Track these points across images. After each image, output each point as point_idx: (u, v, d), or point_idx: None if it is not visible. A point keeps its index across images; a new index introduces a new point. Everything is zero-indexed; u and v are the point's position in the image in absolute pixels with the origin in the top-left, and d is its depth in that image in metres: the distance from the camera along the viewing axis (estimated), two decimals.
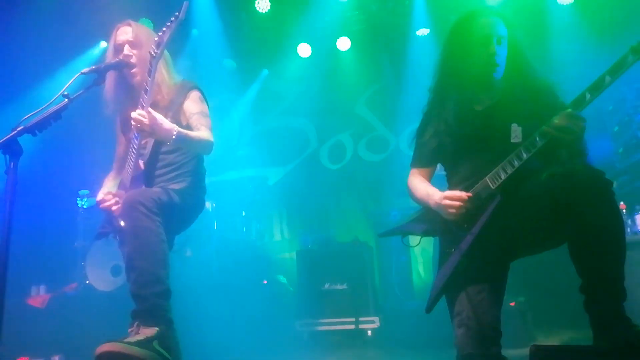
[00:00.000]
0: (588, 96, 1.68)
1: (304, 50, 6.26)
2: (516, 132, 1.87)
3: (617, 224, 1.65)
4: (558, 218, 1.71)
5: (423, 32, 5.96)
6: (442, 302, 1.99)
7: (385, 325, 4.51)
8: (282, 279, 5.48)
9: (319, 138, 6.76)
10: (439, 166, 2.24)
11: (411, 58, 6.01)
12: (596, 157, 1.88)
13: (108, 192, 2.56)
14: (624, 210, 3.68)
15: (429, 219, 2.08)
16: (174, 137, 2.26)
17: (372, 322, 4.49)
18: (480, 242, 1.84)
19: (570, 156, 1.79)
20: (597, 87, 1.67)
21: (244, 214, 5.59)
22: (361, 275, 4.67)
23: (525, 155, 1.78)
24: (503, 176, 1.83)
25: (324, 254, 4.85)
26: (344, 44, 6.22)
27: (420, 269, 5.67)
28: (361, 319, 4.50)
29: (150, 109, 2.22)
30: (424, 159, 2.19)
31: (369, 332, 4.49)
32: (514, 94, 1.94)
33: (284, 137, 6.75)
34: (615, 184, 1.70)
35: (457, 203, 1.88)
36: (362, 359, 3.96)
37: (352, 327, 4.49)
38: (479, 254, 1.85)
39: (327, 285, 4.67)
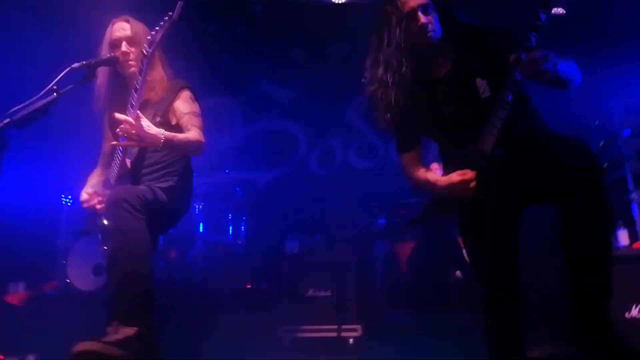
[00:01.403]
0: (542, 17, 1.69)
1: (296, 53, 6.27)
2: (483, 87, 1.87)
3: (604, 214, 1.65)
4: (549, 195, 1.73)
5: None
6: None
7: (368, 334, 4.50)
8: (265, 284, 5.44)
9: (308, 143, 6.77)
10: None
11: None
12: None
13: (93, 191, 2.52)
14: None
15: (442, 201, 2.06)
16: (161, 143, 2.22)
17: (354, 330, 4.48)
18: (496, 198, 1.84)
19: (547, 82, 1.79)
20: (537, 27, 1.68)
21: (230, 216, 5.56)
22: (345, 282, 4.66)
23: (510, 99, 1.77)
24: (495, 132, 1.82)
25: (309, 259, 4.84)
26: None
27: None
28: (343, 327, 4.48)
29: (139, 113, 2.18)
30: (407, 142, 2.18)
31: (351, 341, 4.48)
32: (466, 51, 1.95)
33: (273, 141, 6.74)
34: None
35: (467, 185, 1.87)
36: None
37: (334, 334, 4.48)
38: (492, 202, 1.85)
39: (311, 292, 4.65)
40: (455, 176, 1.91)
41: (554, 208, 1.76)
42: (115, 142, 2.27)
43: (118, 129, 2.16)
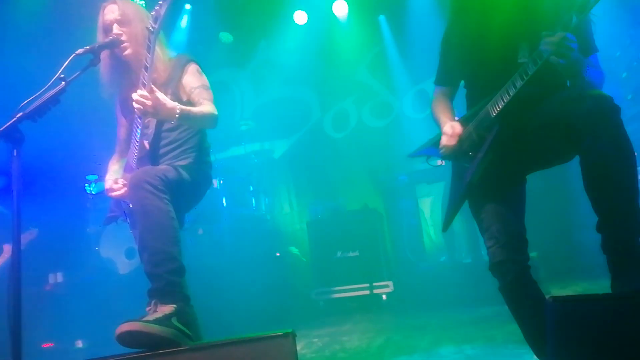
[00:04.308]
0: (574, 18, 1.63)
1: (300, 17, 6.13)
2: (523, 52, 1.84)
3: (625, 149, 1.61)
4: (568, 142, 1.70)
5: None
6: (454, 262, 2.03)
7: (399, 288, 4.56)
8: (295, 250, 5.52)
9: (321, 107, 6.70)
10: None
11: (411, 17, 5.87)
12: None
13: (115, 179, 2.54)
14: None
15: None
16: (177, 115, 2.23)
17: (386, 286, 4.53)
18: (488, 164, 1.88)
19: (573, 83, 1.78)
20: (582, 9, 1.60)
21: (251, 188, 5.59)
22: (372, 241, 4.69)
23: (519, 83, 1.75)
24: (501, 105, 1.83)
25: (334, 222, 4.87)
26: (340, 8, 6.08)
27: (431, 231, 5.68)
28: (375, 284, 4.54)
29: (153, 87, 2.17)
30: (444, 77, 2.19)
31: (384, 297, 4.54)
32: (526, 9, 1.89)
33: (286, 109, 6.69)
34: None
35: (449, 142, 1.94)
36: (377, 323, 4.02)
37: (367, 292, 4.55)
38: (492, 172, 1.88)
39: (339, 254, 4.70)
40: (449, 127, 1.97)
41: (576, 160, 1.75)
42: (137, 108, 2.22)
43: (134, 105, 2.16)
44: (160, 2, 2.16)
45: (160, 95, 2.18)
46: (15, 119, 1.83)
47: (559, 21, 1.67)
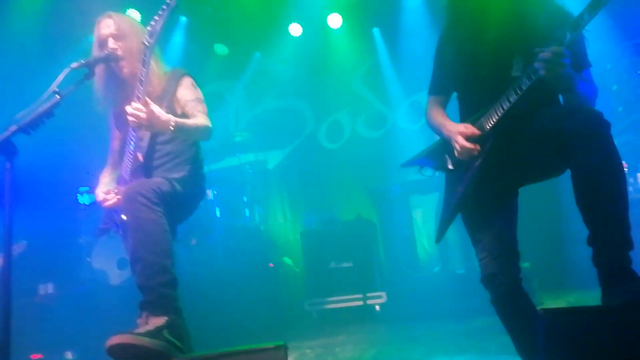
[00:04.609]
0: (568, 36, 1.65)
1: (295, 29, 6.17)
2: (517, 66, 1.87)
3: (614, 164, 1.63)
4: (559, 156, 1.72)
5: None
6: (447, 273, 2.05)
7: (393, 299, 4.55)
8: (288, 260, 5.50)
9: (316, 118, 6.73)
10: None
11: (404, 30, 5.94)
12: None
13: (108, 190, 2.54)
14: (626, 169, 3.67)
15: (438, 155, 2.13)
16: (171, 128, 2.24)
17: (380, 297, 4.53)
18: (481, 176, 1.90)
19: (566, 98, 1.81)
20: (576, 26, 1.64)
21: (245, 199, 5.59)
22: (366, 251, 4.69)
23: (514, 97, 1.78)
24: (495, 119, 1.86)
25: (328, 233, 4.87)
26: (335, 20, 6.13)
27: (425, 242, 5.69)
28: (368, 294, 4.54)
29: (148, 100, 2.19)
30: (438, 86, 2.22)
31: (377, 307, 4.53)
32: (521, 24, 1.91)
33: (280, 120, 6.71)
34: (616, 143, 1.68)
35: (467, 144, 1.91)
36: (371, 334, 4.01)
37: (360, 303, 4.54)
38: (484, 185, 1.90)
39: (333, 264, 4.70)
40: (462, 126, 1.95)
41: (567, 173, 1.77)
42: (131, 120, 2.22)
43: (128, 118, 2.17)
44: (156, 18, 2.18)
45: (155, 107, 2.19)
46: (9, 132, 1.83)
47: (553, 37, 1.69)
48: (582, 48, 1.87)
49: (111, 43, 2.41)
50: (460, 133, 1.93)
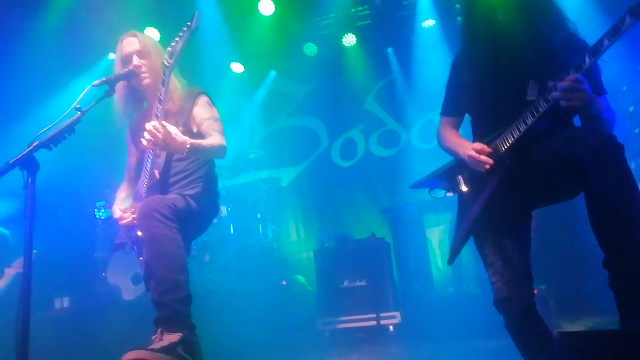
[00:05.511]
0: (588, 60, 1.66)
1: (310, 49, 6.26)
2: (532, 90, 1.88)
3: (628, 187, 1.62)
4: (573, 179, 1.72)
5: (429, 23, 5.92)
6: (461, 294, 2.03)
7: (407, 319, 4.49)
8: (301, 278, 5.48)
9: (329, 136, 6.77)
10: None
11: (418, 50, 5.99)
12: None
13: (125, 208, 2.58)
14: None
15: (450, 176, 2.13)
16: (187, 150, 2.27)
17: (393, 317, 4.47)
18: (495, 198, 1.90)
19: (584, 119, 1.82)
20: (596, 51, 1.64)
21: (259, 216, 5.60)
22: (380, 271, 4.65)
23: (530, 120, 1.79)
24: (511, 140, 1.87)
25: (341, 251, 4.85)
26: (349, 40, 6.21)
27: (439, 262, 5.64)
28: (382, 314, 4.48)
29: (164, 123, 2.22)
30: (451, 107, 2.22)
31: (391, 328, 4.47)
32: (536, 48, 1.91)
33: (294, 138, 6.76)
34: (633, 165, 1.67)
35: (482, 158, 1.93)
36: (384, 355, 3.95)
37: (374, 323, 4.48)
38: (498, 207, 1.90)
39: (346, 283, 4.66)
40: (478, 144, 1.96)
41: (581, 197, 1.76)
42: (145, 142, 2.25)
43: (145, 137, 2.21)
44: (177, 39, 2.24)
45: (172, 129, 2.22)
46: (31, 147, 1.88)
47: (572, 62, 1.70)
48: (597, 75, 1.88)
49: (136, 60, 2.47)
50: (476, 150, 1.95)
